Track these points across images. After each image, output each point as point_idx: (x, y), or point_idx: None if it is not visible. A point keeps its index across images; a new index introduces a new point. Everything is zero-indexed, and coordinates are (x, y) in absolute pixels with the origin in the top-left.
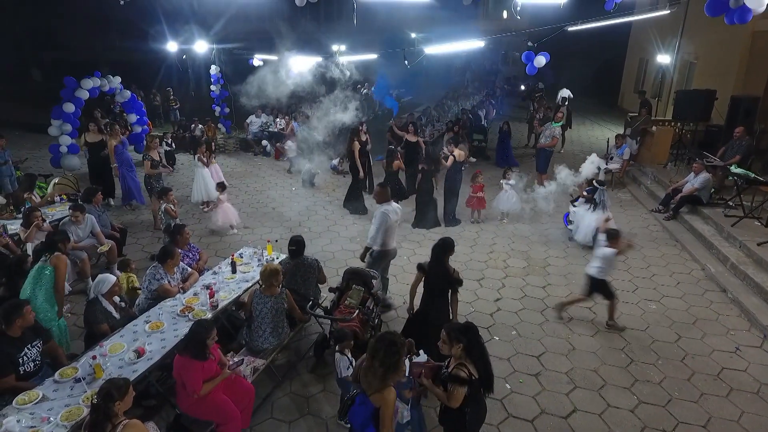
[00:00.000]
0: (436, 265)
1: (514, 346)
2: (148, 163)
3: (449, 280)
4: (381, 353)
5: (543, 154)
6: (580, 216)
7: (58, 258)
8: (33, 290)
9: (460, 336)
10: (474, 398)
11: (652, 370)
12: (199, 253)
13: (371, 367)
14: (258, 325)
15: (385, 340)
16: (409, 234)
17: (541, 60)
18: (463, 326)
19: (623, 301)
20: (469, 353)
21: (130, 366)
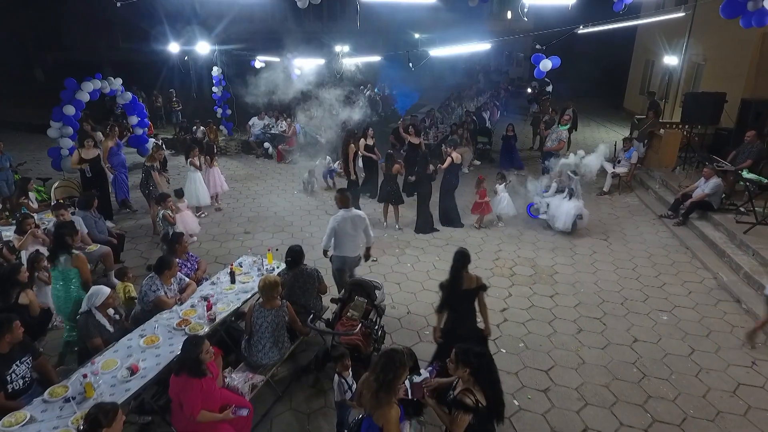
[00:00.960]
0: (456, 281)
1: (521, 359)
2: (156, 174)
3: (472, 291)
4: (378, 368)
5: (550, 159)
6: (556, 205)
7: (77, 259)
8: (66, 292)
9: (468, 359)
10: (481, 427)
11: (665, 386)
12: (197, 262)
13: (367, 380)
14: (258, 339)
15: (386, 355)
16: (413, 240)
17: (547, 64)
18: (473, 349)
19: (634, 311)
20: (478, 379)
21: (123, 384)
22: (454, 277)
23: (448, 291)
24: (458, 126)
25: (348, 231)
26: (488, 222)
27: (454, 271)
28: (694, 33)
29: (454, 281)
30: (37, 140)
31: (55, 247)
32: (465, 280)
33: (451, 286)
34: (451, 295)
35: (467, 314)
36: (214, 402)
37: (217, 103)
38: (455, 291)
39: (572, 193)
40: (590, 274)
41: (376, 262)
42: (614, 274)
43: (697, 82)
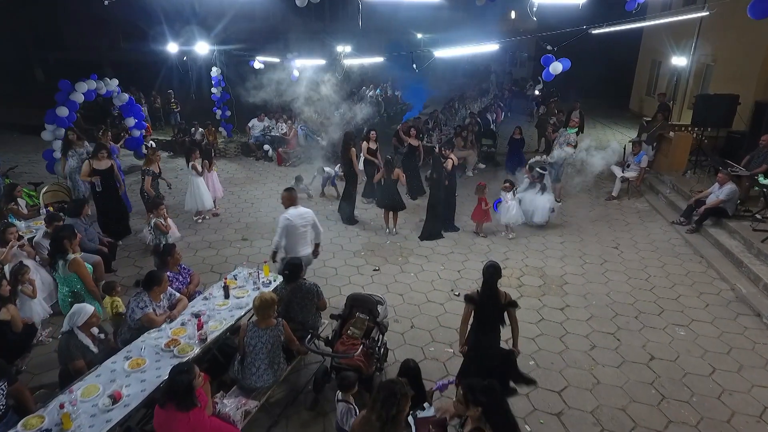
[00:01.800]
0: (491, 294)
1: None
2: (149, 179)
3: (502, 307)
4: (378, 404)
5: (557, 163)
6: (530, 200)
7: (74, 263)
8: (75, 297)
9: (479, 398)
10: None
11: (686, 409)
12: (190, 276)
13: (368, 420)
14: (251, 361)
15: (385, 389)
16: (416, 248)
17: (557, 67)
18: (483, 386)
19: (649, 326)
20: (489, 419)
21: (104, 414)
22: (488, 292)
23: (478, 305)
24: (462, 128)
25: (299, 229)
26: (488, 229)
27: (488, 286)
28: (702, 33)
29: (488, 296)
30: (34, 142)
31: (54, 251)
32: (498, 292)
33: (483, 302)
34: (482, 311)
35: (493, 331)
36: None
37: (216, 104)
38: (487, 306)
39: (544, 188)
40: (602, 284)
41: (377, 271)
42: (627, 285)
43: (706, 83)
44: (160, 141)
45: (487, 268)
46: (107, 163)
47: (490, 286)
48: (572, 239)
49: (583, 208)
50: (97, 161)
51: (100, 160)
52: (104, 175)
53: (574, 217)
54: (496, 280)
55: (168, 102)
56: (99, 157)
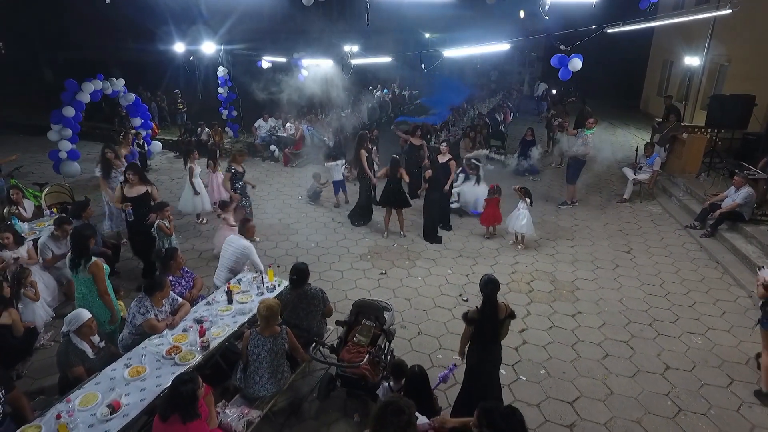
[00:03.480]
0: (491, 309)
1: (543, 388)
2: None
3: (503, 321)
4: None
5: (574, 165)
6: (469, 191)
7: (94, 266)
8: (93, 299)
9: (493, 425)
10: None
11: (704, 423)
12: (193, 280)
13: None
14: (254, 369)
15: (390, 408)
16: (423, 251)
17: (576, 63)
18: (499, 409)
19: (664, 334)
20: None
21: (102, 424)
22: (490, 311)
23: (479, 323)
24: (471, 128)
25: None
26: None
27: (489, 304)
28: (716, 33)
29: (489, 314)
30: (40, 142)
31: (77, 253)
32: (498, 306)
33: (484, 320)
34: (483, 327)
35: (495, 344)
36: None
37: (222, 104)
38: (489, 323)
39: (479, 179)
40: (614, 290)
41: (384, 275)
42: (640, 291)
43: (719, 84)
44: (167, 141)
45: (486, 284)
46: (140, 189)
47: (492, 304)
48: (583, 243)
49: (594, 211)
50: (129, 187)
51: (131, 185)
52: (136, 202)
53: (585, 221)
54: (495, 294)
55: (174, 102)
56: (130, 182)
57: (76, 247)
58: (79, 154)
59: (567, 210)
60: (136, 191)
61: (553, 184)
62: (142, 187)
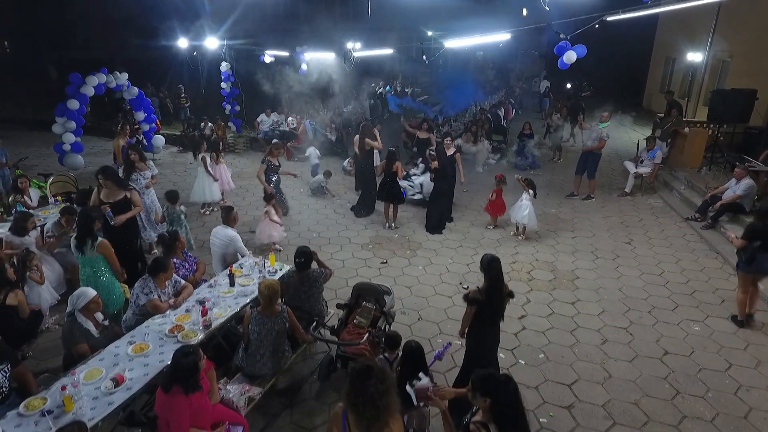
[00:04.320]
0: (497, 289)
1: (542, 371)
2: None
3: (505, 300)
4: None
5: (591, 159)
6: (429, 183)
7: (102, 245)
8: (96, 280)
9: (487, 389)
10: None
11: (701, 405)
12: (196, 264)
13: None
14: (255, 348)
15: (363, 372)
16: (425, 242)
17: (572, 55)
18: (495, 376)
19: (663, 321)
20: (495, 414)
21: (106, 397)
22: (495, 288)
23: (482, 304)
24: (472, 123)
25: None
26: (508, 224)
27: (497, 283)
28: (719, 28)
29: (495, 293)
30: (44, 137)
31: (82, 233)
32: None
33: (489, 299)
34: (488, 308)
35: (496, 325)
36: (205, 418)
37: (225, 99)
38: (493, 303)
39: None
40: (614, 279)
41: (385, 264)
42: (640, 280)
43: (722, 79)
44: (170, 136)
45: (490, 262)
46: (117, 195)
47: (498, 283)
48: (584, 234)
49: (594, 203)
50: (105, 192)
51: (108, 190)
52: (115, 210)
53: (586, 213)
54: (501, 272)
55: (178, 97)
56: (105, 186)
57: (81, 228)
58: (83, 147)
59: (568, 202)
60: (113, 197)
61: (554, 179)
62: (120, 192)
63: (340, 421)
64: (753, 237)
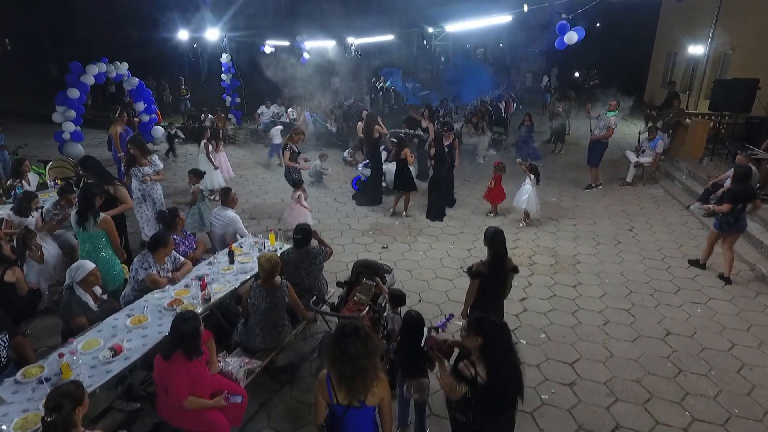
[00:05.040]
0: (500, 262)
1: (543, 350)
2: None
3: (510, 274)
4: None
5: (597, 147)
6: (391, 170)
7: (105, 221)
8: (96, 255)
9: (480, 329)
10: (480, 406)
11: (704, 382)
12: (195, 243)
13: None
14: (255, 322)
15: (346, 329)
16: (425, 228)
17: (572, 36)
18: (488, 318)
19: (665, 303)
20: (485, 354)
21: (104, 366)
22: (498, 261)
23: (488, 277)
24: (473, 114)
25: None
26: (510, 211)
27: (501, 256)
28: (720, 21)
29: (500, 265)
30: (44, 129)
31: (83, 208)
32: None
33: (495, 272)
34: (491, 282)
35: (499, 299)
36: (204, 387)
37: (226, 91)
38: (497, 277)
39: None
40: (615, 264)
41: (386, 249)
42: (641, 265)
43: (723, 72)
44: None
45: (494, 234)
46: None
47: (502, 255)
48: (585, 222)
49: (595, 192)
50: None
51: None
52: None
53: (587, 201)
54: (505, 244)
55: (178, 89)
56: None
57: (83, 203)
58: (83, 136)
59: (569, 191)
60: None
61: (555, 169)
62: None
63: (325, 385)
64: (736, 200)
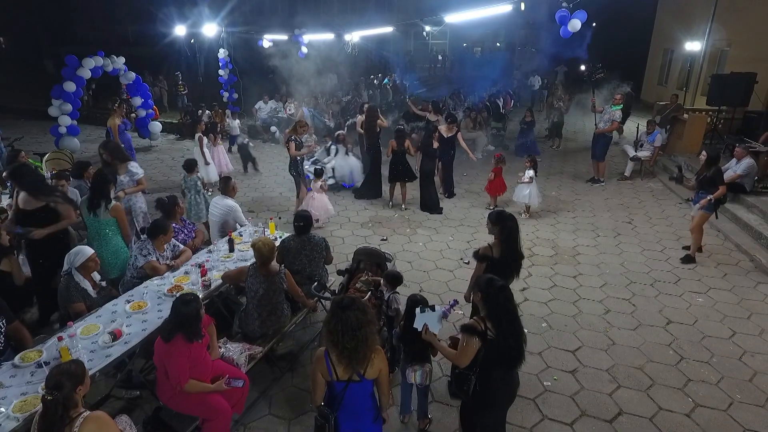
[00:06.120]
0: (514, 247)
1: (545, 339)
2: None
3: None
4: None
5: (601, 141)
6: (340, 165)
7: (116, 208)
8: (103, 241)
9: (477, 285)
10: (494, 362)
11: (706, 369)
12: (194, 232)
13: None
14: (253, 307)
15: (343, 303)
16: (425, 221)
17: (576, 24)
18: (486, 278)
19: (665, 293)
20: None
21: (104, 350)
22: (512, 244)
23: (497, 261)
24: (471, 109)
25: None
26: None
27: (511, 237)
28: (717, 17)
29: (513, 248)
30: (40, 125)
31: (96, 194)
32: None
33: (504, 255)
34: (499, 267)
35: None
36: (205, 371)
37: (223, 86)
38: (506, 262)
39: (348, 150)
40: (615, 255)
41: (385, 241)
42: (641, 256)
43: (720, 68)
44: (167, 124)
45: (507, 218)
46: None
47: (515, 237)
48: (584, 215)
49: (594, 186)
50: (23, 197)
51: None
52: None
53: (586, 195)
54: (518, 229)
55: (175, 84)
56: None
57: (96, 189)
58: (79, 130)
59: (568, 185)
60: (30, 204)
61: (554, 163)
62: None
63: (324, 361)
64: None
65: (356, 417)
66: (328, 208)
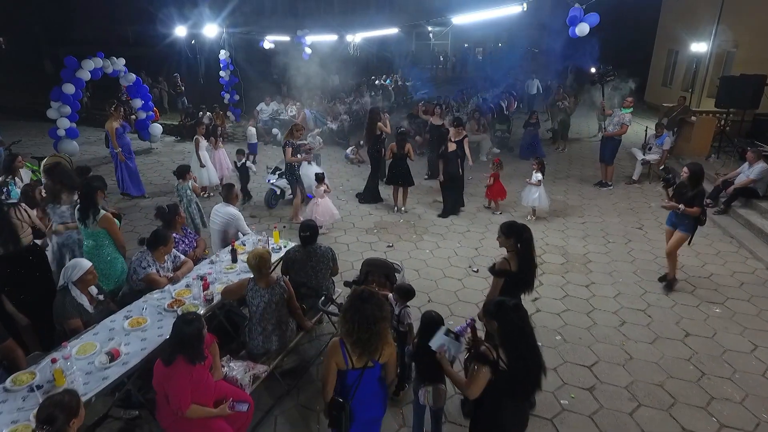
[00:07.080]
0: (530, 256)
1: (560, 353)
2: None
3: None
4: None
5: (610, 144)
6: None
7: (105, 219)
8: (99, 253)
9: (493, 313)
10: (504, 393)
11: (729, 386)
12: (196, 241)
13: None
14: (257, 322)
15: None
16: (431, 226)
17: (584, 27)
18: (505, 304)
19: (681, 303)
20: (502, 333)
21: (100, 372)
22: (529, 255)
23: (515, 275)
24: (475, 111)
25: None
26: (516, 208)
27: (529, 248)
28: (723, 18)
29: (530, 259)
30: (39, 126)
31: (85, 204)
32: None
33: (525, 268)
34: (518, 280)
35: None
36: (207, 394)
37: (224, 88)
38: (525, 274)
39: (318, 160)
40: (628, 263)
41: (391, 247)
42: (654, 264)
43: (727, 69)
44: (168, 126)
45: (523, 229)
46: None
47: (532, 250)
48: (594, 220)
49: (603, 191)
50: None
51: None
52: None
53: (594, 199)
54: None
55: (175, 85)
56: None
57: (84, 198)
58: (78, 133)
59: (575, 189)
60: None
61: (559, 166)
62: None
63: (339, 350)
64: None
65: (368, 405)
66: (333, 213)
